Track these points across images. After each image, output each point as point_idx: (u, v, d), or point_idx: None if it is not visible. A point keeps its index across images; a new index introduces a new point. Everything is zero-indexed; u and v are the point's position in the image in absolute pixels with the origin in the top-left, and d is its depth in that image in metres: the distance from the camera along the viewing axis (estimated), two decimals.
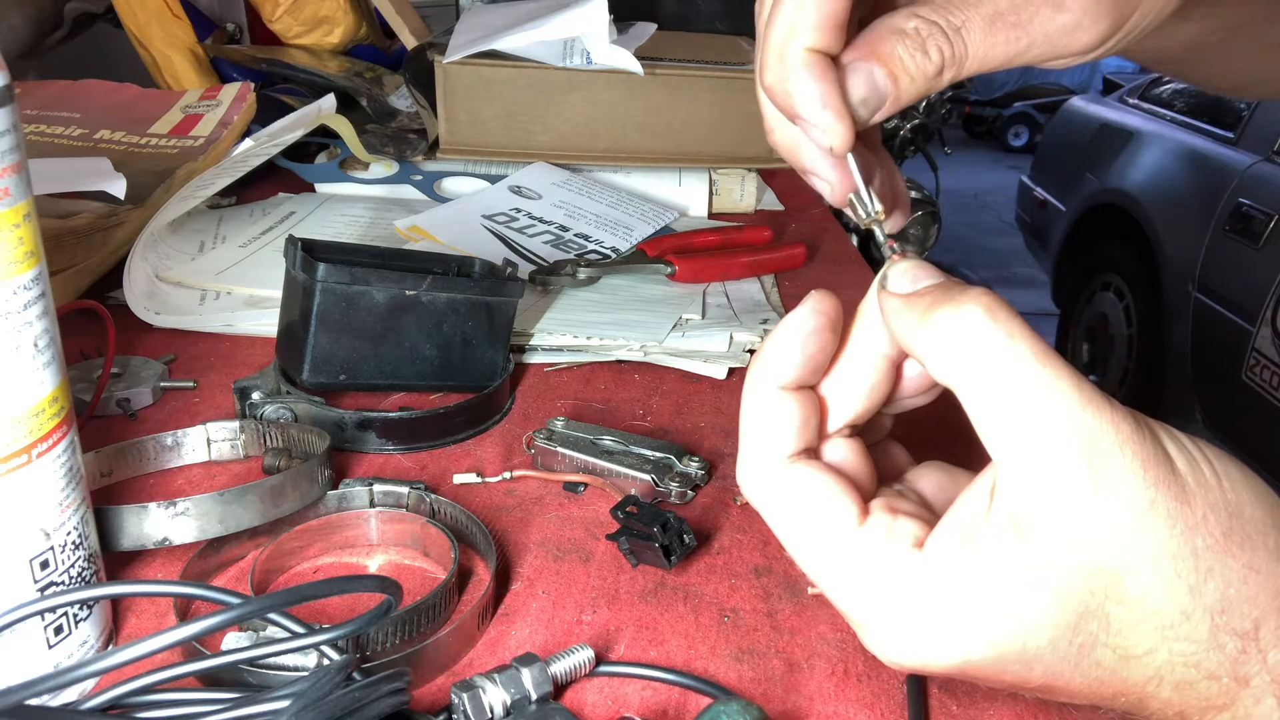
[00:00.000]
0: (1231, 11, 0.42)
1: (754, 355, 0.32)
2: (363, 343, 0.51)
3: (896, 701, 0.35)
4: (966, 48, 0.33)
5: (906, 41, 0.32)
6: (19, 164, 0.30)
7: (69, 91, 0.95)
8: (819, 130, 0.32)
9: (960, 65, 0.33)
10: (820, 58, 0.32)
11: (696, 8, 1.45)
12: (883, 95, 0.33)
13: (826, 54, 0.32)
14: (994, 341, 0.27)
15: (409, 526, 0.43)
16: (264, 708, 0.28)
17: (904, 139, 2.66)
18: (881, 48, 0.32)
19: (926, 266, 0.31)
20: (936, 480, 0.34)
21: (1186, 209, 2.69)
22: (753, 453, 0.31)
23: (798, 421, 0.31)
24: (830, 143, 0.32)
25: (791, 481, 0.30)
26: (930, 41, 0.32)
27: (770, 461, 0.31)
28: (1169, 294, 2.62)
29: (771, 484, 0.30)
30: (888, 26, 0.32)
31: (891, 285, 0.31)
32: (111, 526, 0.37)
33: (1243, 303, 2.26)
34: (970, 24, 0.32)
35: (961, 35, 0.32)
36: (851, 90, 0.32)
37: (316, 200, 0.85)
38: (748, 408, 0.31)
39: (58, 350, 0.32)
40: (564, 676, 0.34)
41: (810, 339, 0.31)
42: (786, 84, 0.32)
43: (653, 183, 0.92)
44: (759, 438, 0.31)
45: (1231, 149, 2.66)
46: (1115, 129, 3.29)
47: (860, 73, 0.32)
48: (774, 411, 0.31)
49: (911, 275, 0.31)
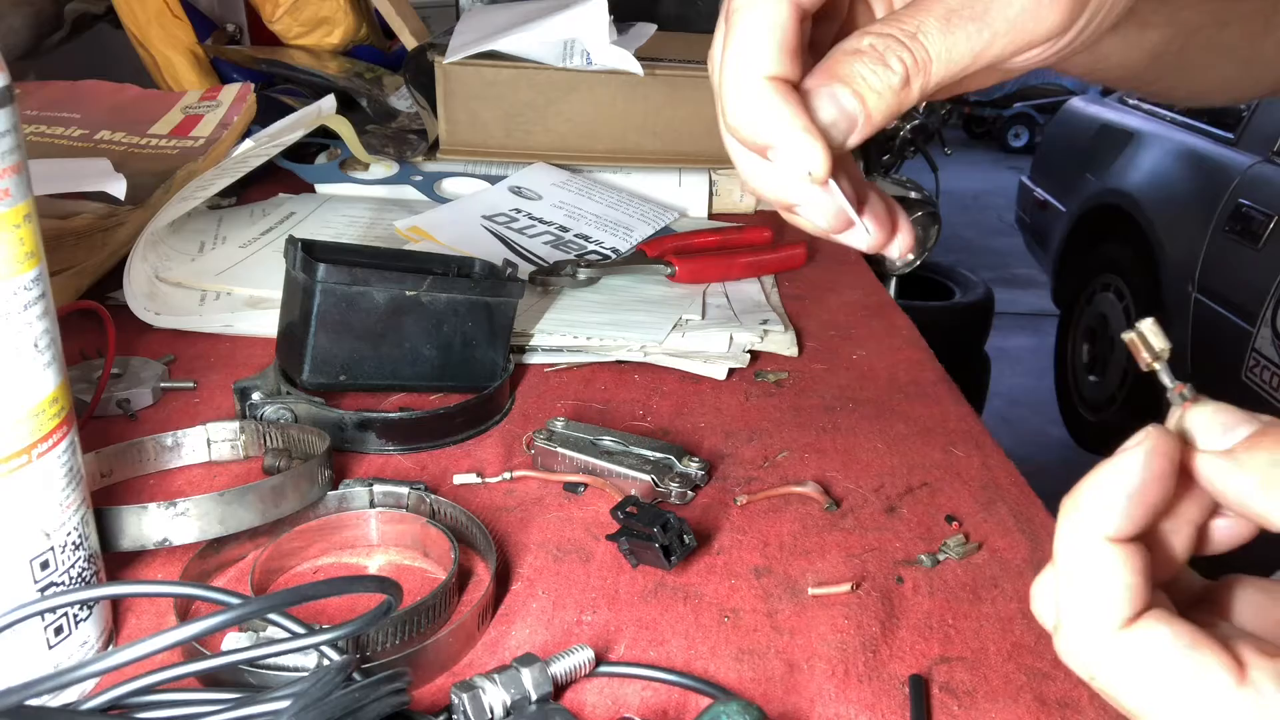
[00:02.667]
0: (1187, 15, 0.42)
1: (1068, 501, 0.27)
2: (363, 343, 0.51)
3: (897, 702, 0.35)
4: (928, 51, 0.32)
5: (864, 59, 0.32)
6: (19, 165, 0.30)
7: (69, 92, 0.95)
8: (795, 156, 0.31)
9: (926, 71, 0.32)
10: (781, 83, 0.31)
11: (696, 8, 1.45)
12: (852, 117, 0.32)
13: (786, 80, 0.31)
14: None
15: (409, 527, 0.43)
16: (264, 708, 0.28)
17: (904, 140, 2.66)
18: (840, 70, 0.32)
19: (1231, 410, 0.27)
20: (1256, 601, 0.29)
21: (1186, 209, 2.69)
22: (1088, 619, 0.26)
23: (1138, 579, 0.26)
24: (809, 167, 0.31)
25: (1148, 647, 0.25)
26: (889, 54, 0.31)
27: (1111, 626, 0.26)
28: (1169, 294, 2.62)
29: (1122, 653, 0.26)
30: (842, 50, 0.32)
31: (1204, 442, 0.27)
32: (111, 527, 0.37)
33: (1242, 303, 2.26)
34: (926, 27, 0.32)
35: (919, 40, 0.32)
36: (819, 115, 0.32)
37: (316, 201, 0.85)
38: (1073, 566, 0.26)
39: (58, 350, 0.32)
40: (564, 677, 0.34)
41: (1153, 486, 0.26)
42: (751, 115, 0.31)
43: (653, 183, 0.92)
44: (1093, 601, 0.26)
45: (1231, 149, 2.66)
46: (1115, 129, 3.29)
47: (824, 97, 0.32)
48: (1108, 568, 0.26)
49: (1222, 423, 0.27)
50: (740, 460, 0.51)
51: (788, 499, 0.47)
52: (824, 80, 0.32)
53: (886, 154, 2.72)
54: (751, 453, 0.51)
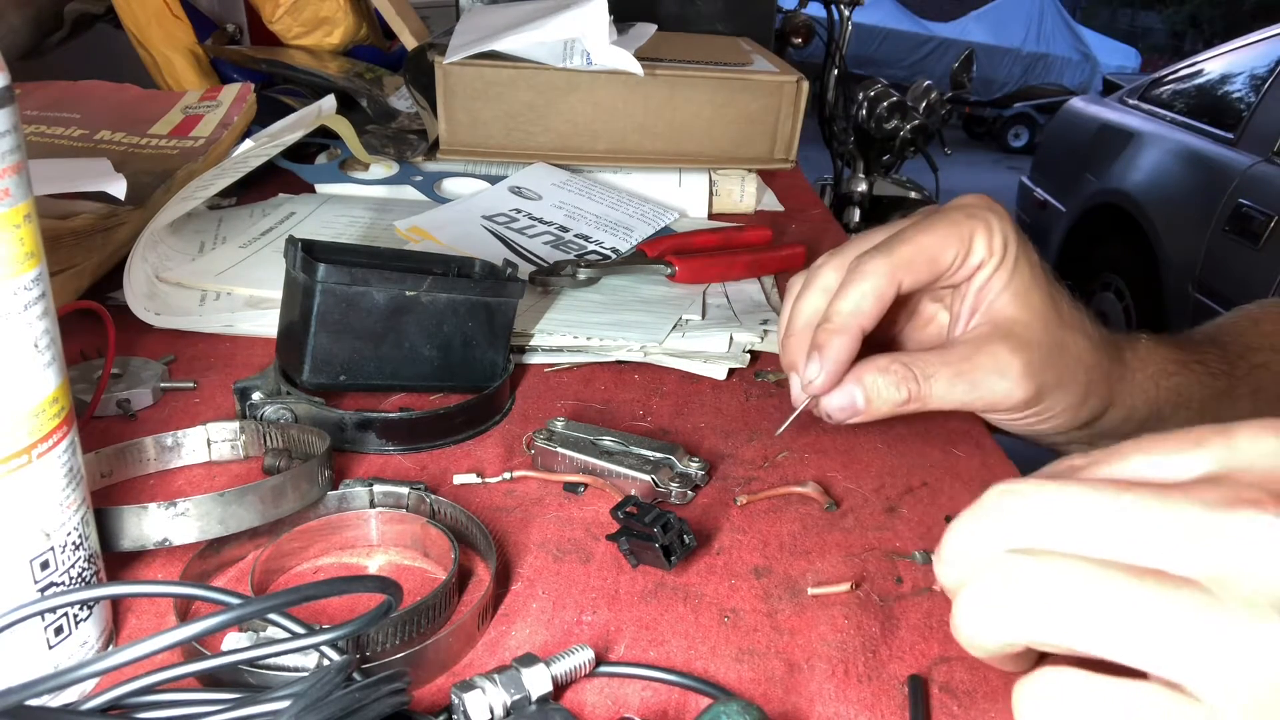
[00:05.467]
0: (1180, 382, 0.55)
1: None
2: (363, 343, 0.51)
3: (897, 703, 0.35)
4: (931, 392, 0.47)
5: (886, 377, 0.47)
6: (19, 164, 0.30)
7: (69, 92, 0.95)
8: (805, 381, 0.47)
9: (923, 402, 0.47)
10: (850, 338, 0.47)
11: (696, 8, 1.45)
12: (857, 409, 0.47)
13: (860, 330, 0.47)
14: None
15: (409, 527, 0.43)
16: (264, 708, 0.28)
17: (904, 140, 2.66)
18: (865, 376, 0.47)
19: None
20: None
21: (1186, 209, 2.69)
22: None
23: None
24: (806, 391, 0.48)
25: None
26: (902, 383, 0.46)
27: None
28: (1169, 294, 2.62)
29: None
30: (875, 363, 0.47)
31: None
32: (111, 527, 0.37)
33: (1242, 303, 2.26)
34: (937, 375, 0.47)
35: (930, 383, 0.47)
36: (833, 398, 0.47)
37: (317, 201, 0.85)
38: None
39: (58, 351, 0.32)
40: (564, 677, 0.34)
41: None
42: (829, 337, 0.47)
43: (652, 183, 0.92)
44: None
45: (1231, 149, 2.66)
46: (1115, 129, 3.29)
47: (845, 390, 0.47)
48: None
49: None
50: (740, 460, 0.51)
51: (788, 499, 0.47)
52: (854, 378, 0.47)
53: (887, 154, 2.73)
54: (751, 453, 0.51)
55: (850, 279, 0.47)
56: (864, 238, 0.51)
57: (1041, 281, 0.49)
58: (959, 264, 0.48)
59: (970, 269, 0.48)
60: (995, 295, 0.48)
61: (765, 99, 0.91)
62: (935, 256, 0.47)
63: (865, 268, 0.47)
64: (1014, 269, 0.48)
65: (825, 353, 0.46)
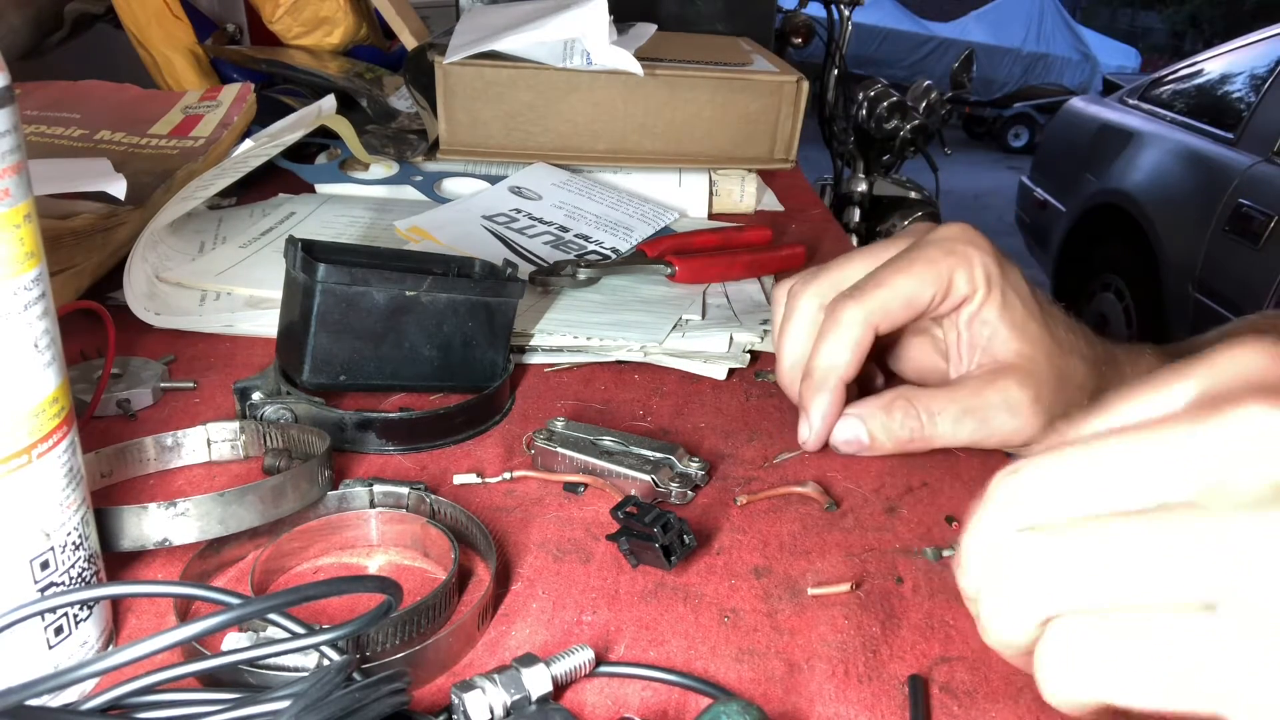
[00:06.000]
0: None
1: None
2: (363, 343, 0.51)
3: (897, 703, 0.35)
4: (936, 429, 0.48)
5: (890, 414, 0.48)
6: (19, 164, 0.30)
7: (69, 92, 0.95)
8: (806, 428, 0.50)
9: (928, 441, 0.48)
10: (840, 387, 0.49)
11: (696, 8, 1.45)
12: (861, 444, 0.49)
13: (846, 380, 0.48)
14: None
15: (409, 527, 0.43)
16: (264, 708, 0.28)
17: (904, 140, 2.66)
18: (866, 412, 0.48)
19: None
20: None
21: (1186, 209, 2.69)
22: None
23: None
24: (805, 439, 0.50)
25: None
26: (906, 421, 0.48)
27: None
28: (1169, 294, 2.62)
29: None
30: (880, 400, 0.49)
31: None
32: (111, 527, 0.37)
33: (1243, 303, 2.27)
34: (942, 414, 0.48)
35: (935, 421, 0.48)
36: (839, 431, 0.49)
37: (316, 201, 0.85)
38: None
39: (58, 350, 0.32)
40: (564, 677, 0.34)
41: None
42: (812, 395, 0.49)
43: (652, 183, 0.92)
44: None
45: (1231, 149, 2.66)
46: (1115, 129, 3.29)
47: (849, 423, 0.49)
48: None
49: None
50: (740, 460, 0.51)
51: (788, 499, 0.47)
52: (857, 413, 0.48)
53: (887, 154, 2.73)
54: (751, 453, 0.51)
55: (827, 328, 0.48)
56: (846, 260, 0.51)
57: (1035, 310, 0.49)
58: (939, 301, 0.48)
59: (953, 304, 0.49)
60: (992, 331, 0.49)
61: (765, 99, 0.91)
62: (911, 299, 0.48)
63: (841, 316, 0.47)
64: (1003, 302, 0.48)
65: (811, 413, 0.49)
